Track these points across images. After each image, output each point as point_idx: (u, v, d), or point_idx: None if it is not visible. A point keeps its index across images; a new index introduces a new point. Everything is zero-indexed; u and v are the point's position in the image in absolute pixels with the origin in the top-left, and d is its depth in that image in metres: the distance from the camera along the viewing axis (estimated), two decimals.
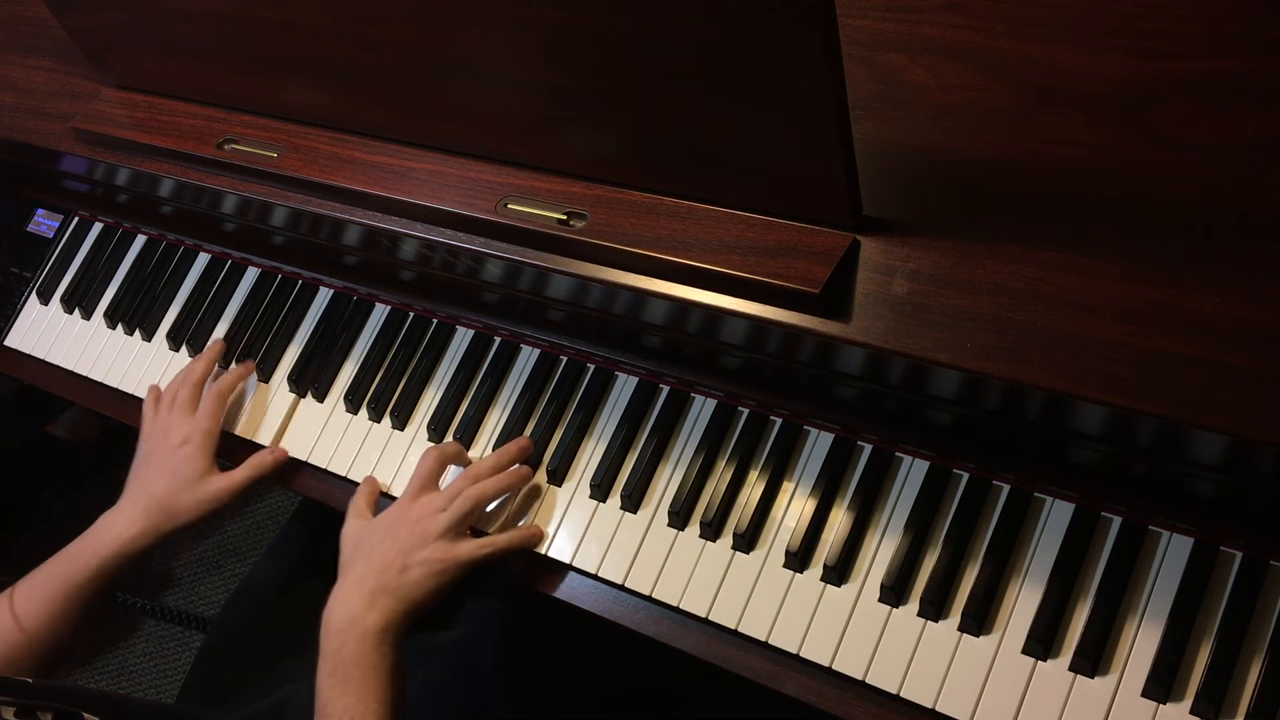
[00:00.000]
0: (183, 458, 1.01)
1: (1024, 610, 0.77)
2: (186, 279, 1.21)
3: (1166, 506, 0.76)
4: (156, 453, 1.02)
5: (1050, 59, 0.78)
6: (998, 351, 0.69)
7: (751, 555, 0.86)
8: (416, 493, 0.91)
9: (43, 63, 1.20)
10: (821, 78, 0.66)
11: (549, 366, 1.00)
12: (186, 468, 1.00)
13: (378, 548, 0.88)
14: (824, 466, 0.87)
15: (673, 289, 0.80)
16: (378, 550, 0.88)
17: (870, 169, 0.75)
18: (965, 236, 0.73)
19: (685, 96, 0.73)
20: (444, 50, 0.82)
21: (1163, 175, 0.71)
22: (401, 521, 0.89)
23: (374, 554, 0.87)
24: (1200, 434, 0.66)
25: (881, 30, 0.84)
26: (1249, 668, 0.71)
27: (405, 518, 0.89)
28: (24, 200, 1.36)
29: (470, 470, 0.92)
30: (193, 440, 1.01)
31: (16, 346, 1.28)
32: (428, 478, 0.93)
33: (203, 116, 1.04)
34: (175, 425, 1.03)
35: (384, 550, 0.87)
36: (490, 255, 0.88)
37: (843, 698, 0.80)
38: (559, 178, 0.86)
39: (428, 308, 1.07)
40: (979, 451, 0.82)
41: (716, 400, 0.92)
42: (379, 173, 0.92)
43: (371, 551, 0.88)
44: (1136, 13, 0.77)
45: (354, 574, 0.87)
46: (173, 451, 1.01)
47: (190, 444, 1.01)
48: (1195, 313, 0.65)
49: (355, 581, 0.86)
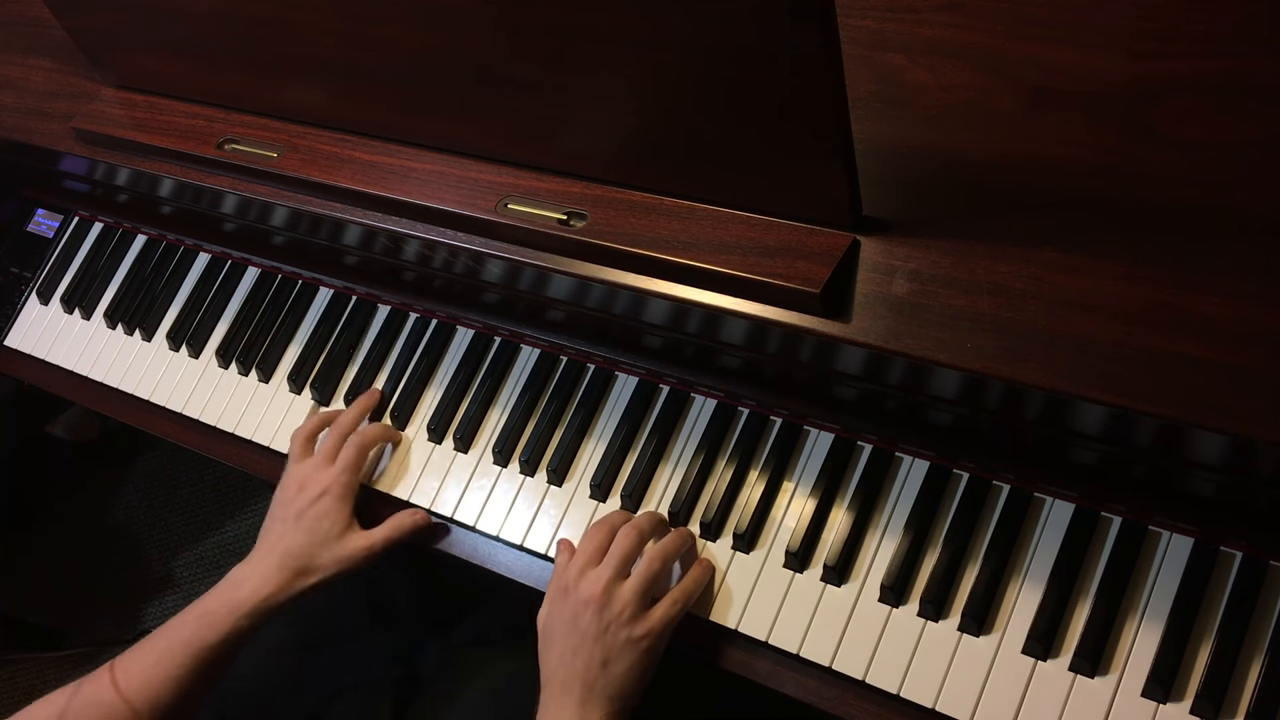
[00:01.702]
0: (320, 511, 0.94)
1: (1024, 610, 0.77)
2: (186, 279, 1.21)
3: (1166, 506, 0.76)
4: (293, 504, 0.95)
5: (1050, 59, 0.78)
6: (998, 351, 0.69)
7: (751, 555, 0.86)
8: (582, 569, 0.83)
9: (43, 63, 1.20)
10: (821, 78, 0.66)
11: (549, 366, 1.00)
12: (324, 522, 0.93)
13: (567, 644, 0.80)
14: (824, 466, 0.87)
15: (673, 289, 0.80)
16: (569, 645, 0.79)
17: (870, 169, 0.75)
18: (965, 236, 0.73)
19: (685, 96, 0.73)
20: (444, 50, 0.82)
21: (1163, 175, 0.71)
22: (578, 604, 0.80)
23: (565, 653, 0.79)
24: (1200, 434, 0.66)
25: (881, 30, 0.84)
26: (1249, 668, 0.71)
27: (579, 598, 0.81)
28: (24, 200, 1.36)
29: (629, 526, 0.85)
30: (331, 492, 0.94)
31: (16, 346, 1.28)
32: (594, 552, 0.84)
33: (203, 116, 1.04)
34: (314, 476, 0.96)
35: (575, 645, 0.79)
36: (490, 255, 0.88)
37: (843, 698, 0.80)
38: (559, 178, 0.86)
39: (428, 308, 1.07)
40: (979, 451, 0.82)
41: (716, 400, 0.92)
42: (379, 173, 0.92)
43: (564, 649, 0.80)
44: (1136, 13, 0.77)
45: (556, 679, 0.79)
46: (311, 504, 0.94)
47: (328, 496, 0.94)
48: (1195, 313, 0.65)
49: (561, 689, 0.78)
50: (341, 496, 0.95)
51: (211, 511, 2.05)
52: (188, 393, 1.15)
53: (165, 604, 1.97)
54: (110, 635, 1.97)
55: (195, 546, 2.01)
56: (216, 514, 2.04)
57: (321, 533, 0.93)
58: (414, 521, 0.96)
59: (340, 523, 0.93)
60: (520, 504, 0.96)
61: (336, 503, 0.94)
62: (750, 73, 0.68)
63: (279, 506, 0.96)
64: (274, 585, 0.90)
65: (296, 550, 0.92)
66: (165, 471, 2.14)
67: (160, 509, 2.09)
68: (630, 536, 0.84)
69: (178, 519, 2.07)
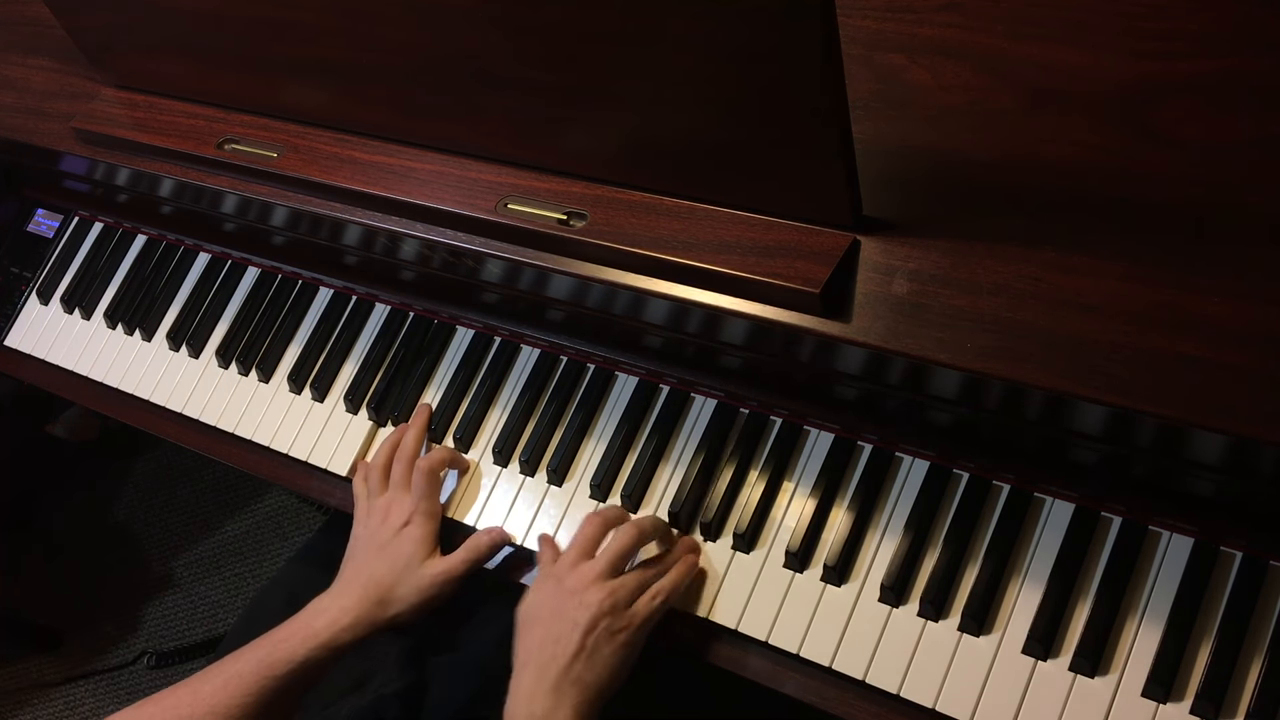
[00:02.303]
0: (405, 540, 0.91)
1: (1024, 610, 0.77)
2: (186, 279, 1.21)
3: (1166, 506, 0.76)
4: (375, 536, 0.93)
5: (1050, 59, 0.78)
6: (998, 351, 0.68)
7: (752, 555, 0.86)
8: (575, 561, 0.84)
9: (43, 63, 1.20)
10: (822, 78, 0.66)
11: (549, 366, 1.00)
12: (406, 548, 0.91)
13: (550, 631, 0.80)
14: (824, 466, 0.87)
15: (673, 289, 0.80)
16: (551, 633, 0.79)
17: (870, 169, 0.75)
18: (965, 236, 0.73)
19: (685, 96, 0.73)
20: (444, 50, 0.82)
21: (1163, 175, 0.71)
22: (565, 593, 0.81)
23: (546, 640, 0.79)
24: (1200, 434, 0.66)
25: (881, 30, 0.84)
26: (1249, 668, 0.71)
27: (567, 587, 0.82)
28: (24, 200, 1.36)
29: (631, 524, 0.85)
30: (415, 522, 0.92)
31: (16, 346, 1.28)
32: (588, 545, 0.85)
33: (203, 116, 1.04)
34: (395, 507, 0.94)
35: (558, 633, 0.79)
36: (490, 255, 0.88)
37: (843, 698, 0.80)
38: (559, 178, 0.86)
39: (428, 308, 1.07)
40: (979, 451, 0.82)
41: (717, 400, 0.92)
42: (379, 173, 0.92)
43: (544, 635, 0.80)
44: (1136, 13, 0.77)
45: (531, 666, 0.79)
46: (395, 535, 0.92)
47: (413, 525, 0.92)
48: (1195, 313, 0.65)
49: (535, 673, 0.78)
50: (424, 524, 0.92)
51: (211, 511, 2.05)
52: (188, 393, 1.15)
53: (165, 604, 1.97)
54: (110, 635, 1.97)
55: (195, 546, 2.01)
56: (216, 514, 2.04)
57: (403, 561, 0.90)
58: (491, 540, 0.93)
59: (423, 551, 0.91)
60: (520, 504, 0.96)
61: (419, 531, 0.92)
62: (750, 72, 0.68)
63: (362, 540, 0.94)
64: (352, 616, 0.87)
65: (377, 579, 0.89)
66: (165, 471, 2.14)
67: (160, 509, 2.09)
68: (630, 534, 0.84)
69: (178, 519, 2.07)
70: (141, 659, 1.93)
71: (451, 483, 0.99)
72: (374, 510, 0.95)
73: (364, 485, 0.98)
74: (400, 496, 0.95)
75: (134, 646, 1.95)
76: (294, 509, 1.98)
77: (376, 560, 0.91)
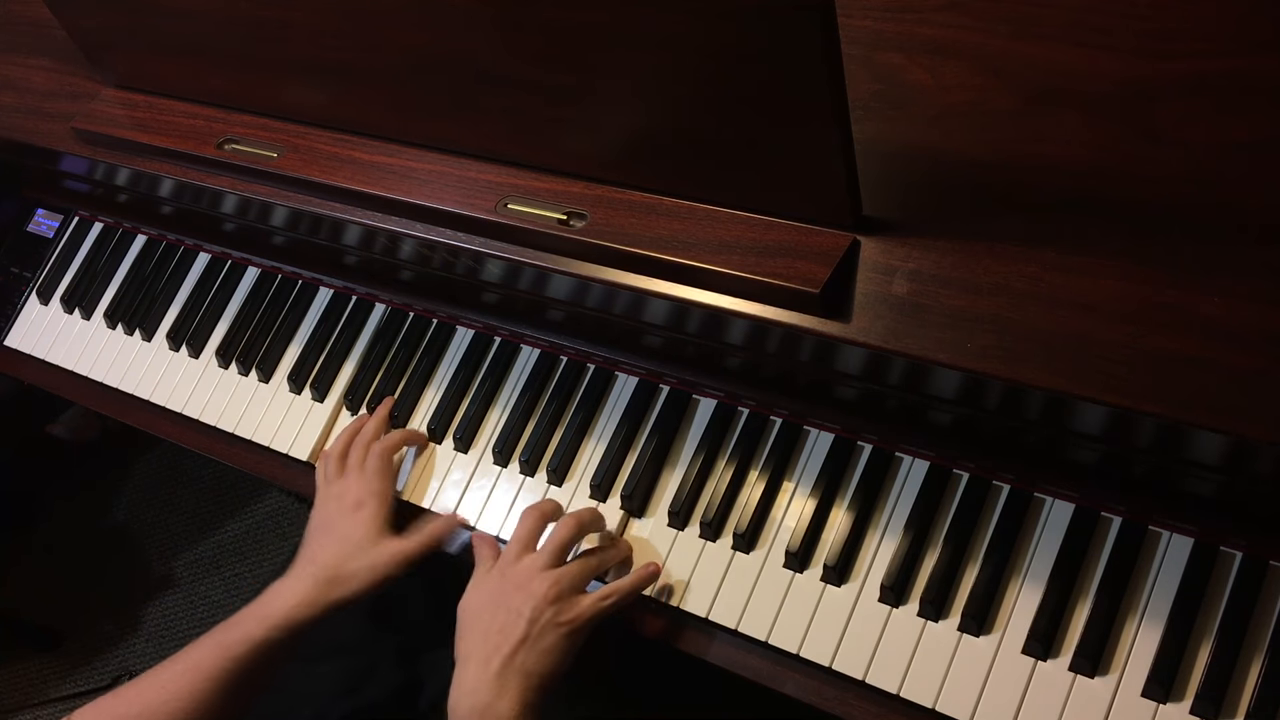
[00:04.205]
0: (356, 522, 0.93)
1: (1024, 610, 0.77)
2: (186, 279, 1.21)
3: (1166, 506, 0.76)
4: (329, 519, 0.94)
5: (1050, 59, 0.78)
6: (998, 351, 0.68)
7: (751, 555, 0.86)
8: (518, 554, 0.85)
9: (43, 63, 1.20)
10: (821, 78, 0.66)
11: (549, 366, 1.00)
12: (358, 530, 0.92)
13: (494, 622, 0.81)
14: (824, 466, 0.87)
15: (673, 289, 0.80)
16: (495, 623, 0.81)
17: (870, 169, 0.75)
18: (965, 236, 0.73)
19: (685, 96, 0.73)
20: (443, 50, 0.82)
21: (1163, 175, 0.71)
22: (509, 586, 0.83)
23: (490, 630, 0.80)
24: (1201, 434, 0.66)
25: (881, 30, 0.84)
26: (1249, 668, 0.71)
27: (511, 580, 0.83)
28: (24, 200, 1.36)
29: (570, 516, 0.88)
30: (366, 504, 0.94)
31: (16, 346, 1.28)
32: (528, 538, 0.87)
33: (203, 116, 1.04)
34: (350, 490, 0.95)
35: (501, 623, 0.80)
36: (490, 255, 0.88)
37: (843, 698, 0.80)
38: (559, 178, 0.86)
39: (428, 308, 1.07)
40: (979, 451, 0.82)
41: (716, 400, 0.92)
42: (379, 173, 0.92)
43: (488, 627, 0.81)
44: (1136, 13, 0.77)
45: (474, 659, 0.80)
46: (346, 516, 0.93)
47: (365, 507, 0.93)
48: (1195, 313, 0.65)
49: (479, 664, 0.79)
50: (373, 505, 0.93)
51: (211, 511, 2.05)
52: (188, 393, 1.15)
53: (165, 604, 1.97)
54: (110, 635, 1.97)
55: (195, 546, 2.01)
56: (216, 514, 2.04)
57: (354, 542, 0.91)
58: (446, 524, 0.94)
59: (374, 531, 0.92)
60: (521, 504, 0.96)
61: (368, 511, 0.93)
62: (750, 72, 0.68)
63: (315, 523, 0.95)
64: (301, 595, 0.88)
65: (327, 559, 0.90)
66: (165, 471, 2.14)
67: (160, 509, 2.09)
68: (569, 526, 0.86)
69: (178, 519, 2.07)
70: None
71: (452, 483, 0.99)
72: (329, 494, 0.97)
73: (323, 471, 1.00)
74: (355, 479, 0.96)
75: (134, 646, 1.95)
76: (294, 509, 1.98)
77: (328, 542, 0.92)
